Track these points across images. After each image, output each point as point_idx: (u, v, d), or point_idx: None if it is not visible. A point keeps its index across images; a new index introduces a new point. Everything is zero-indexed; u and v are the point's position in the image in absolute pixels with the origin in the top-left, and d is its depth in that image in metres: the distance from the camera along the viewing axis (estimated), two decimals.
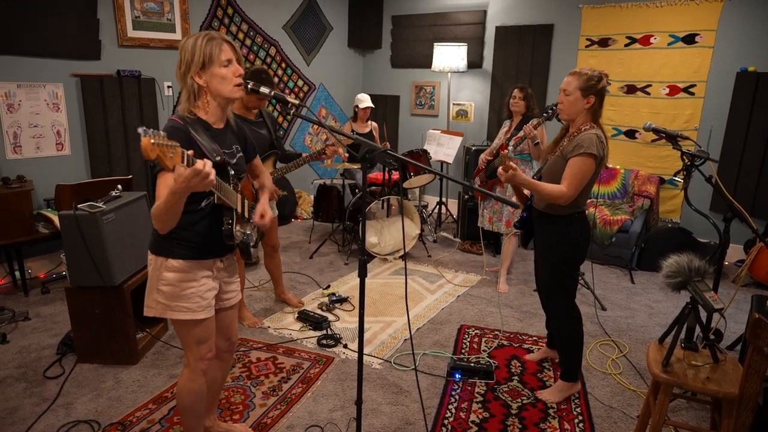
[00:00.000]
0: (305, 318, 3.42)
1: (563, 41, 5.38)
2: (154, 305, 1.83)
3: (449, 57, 5.57)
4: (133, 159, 4.46)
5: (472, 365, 2.88)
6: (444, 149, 5.44)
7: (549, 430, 2.42)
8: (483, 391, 2.70)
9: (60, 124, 4.09)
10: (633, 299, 3.97)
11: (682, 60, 4.78)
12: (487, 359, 3.02)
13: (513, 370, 2.93)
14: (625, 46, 5.04)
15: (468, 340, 3.26)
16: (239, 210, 1.86)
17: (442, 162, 5.43)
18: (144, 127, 1.29)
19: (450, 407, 2.56)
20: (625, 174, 5.00)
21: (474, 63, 5.88)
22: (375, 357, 3.02)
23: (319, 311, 3.58)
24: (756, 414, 1.78)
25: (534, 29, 5.49)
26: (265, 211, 1.99)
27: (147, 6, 4.46)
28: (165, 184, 1.58)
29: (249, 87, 1.87)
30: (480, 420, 2.47)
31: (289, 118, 6.12)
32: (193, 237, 1.79)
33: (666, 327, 2.17)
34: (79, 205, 2.72)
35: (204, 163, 1.45)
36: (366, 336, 3.25)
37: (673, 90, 4.86)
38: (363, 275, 1.84)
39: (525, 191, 2.64)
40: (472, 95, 6.12)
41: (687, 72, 4.77)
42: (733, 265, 4.64)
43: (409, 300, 3.83)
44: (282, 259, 4.60)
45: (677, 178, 2.73)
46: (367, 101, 4.93)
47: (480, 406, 2.58)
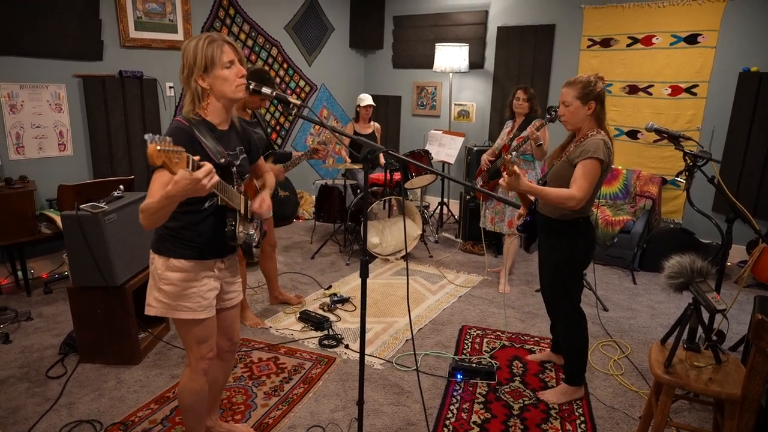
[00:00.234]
0: (307, 318, 3.42)
1: (565, 41, 5.37)
2: (155, 304, 1.84)
3: (451, 57, 5.56)
4: (135, 159, 4.48)
5: (473, 366, 2.87)
6: (446, 150, 5.44)
7: (551, 430, 2.42)
8: (484, 392, 2.70)
9: (62, 124, 4.10)
10: (635, 300, 3.97)
11: (684, 60, 4.77)
12: (489, 360, 3.02)
13: (515, 370, 2.92)
14: (627, 46, 5.03)
15: (470, 340, 3.26)
16: (242, 211, 1.86)
17: (443, 162, 5.43)
18: (150, 134, 1.29)
19: (451, 408, 2.56)
20: (627, 174, 4.99)
21: (476, 63, 5.87)
22: (376, 357, 3.02)
23: (321, 311, 3.59)
24: (758, 415, 1.78)
25: (536, 29, 5.48)
26: (264, 198, 1.97)
27: (149, 7, 4.47)
28: (160, 182, 1.57)
29: (251, 87, 1.88)
30: (482, 420, 2.47)
31: (291, 118, 6.12)
32: (196, 237, 1.80)
33: (668, 328, 2.16)
34: (82, 206, 2.72)
35: (204, 172, 1.43)
36: (367, 336, 3.25)
37: (676, 90, 4.85)
38: (365, 276, 1.84)
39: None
40: (473, 96, 6.11)
41: (689, 72, 4.76)
42: (736, 266, 4.63)
43: (411, 300, 3.83)
44: (283, 260, 4.62)
45: (679, 178, 2.73)
46: (368, 99, 4.93)
47: (481, 406, 2.58)
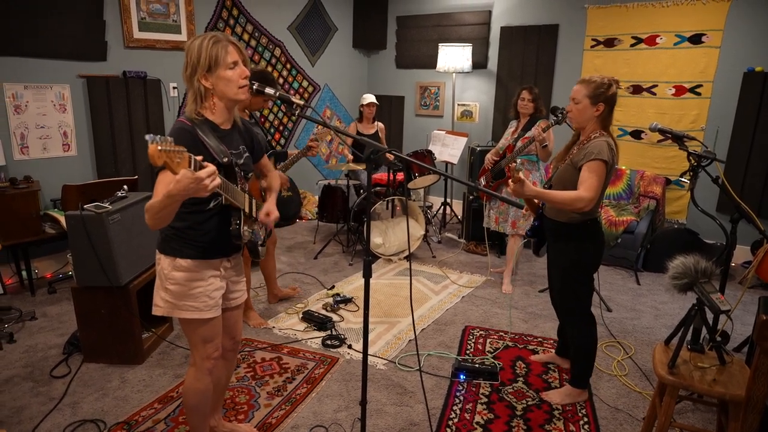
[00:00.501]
0: (310, 318, 3.43)
1: (568, 41, 5.36)
2: (161, 304, 1.85)
3: (454, 57, 5.56)
4: (139, 159, 4.49)
5: (476, 366, 2.87)
6: (449, 150, 5.43)
7: (554, 431, 2.42)
8: (488, 392, 2.70)
9: (66, 124, 4.12)
10: (639, 300, 3.95)
11: (688, 60, 4.75)
12: (492, 360, 3.01)
13: (518, 371, 2.92)
14: (631, 46, 5.01)
15: (472, 341, 3.25)
16: (247, 210, 1.87)
17: (446, 162, 5.42)
18: (151, 134, 1.29)
19: (454, 408, 2.56)
20: (631, 175, 4.97)
21: (479, 63, 5.87)
22: (379, 357, 3.02)
23: (324, 312, 3.59)
24: (763, 416, 1.77)
25: (539, 29, 5.47)
26: (271, 210, 2.00)
27: (153, 7, 4.48)
28: (164, 182, 1.57)
29: (254, 88, 1.88)
30: (485, 421, 2.47)
31: (294, 119, 6.13)
32: (201, 237, 1.80)
33: (672, 328, 2.16)
34: (86, 206, 2.73)
35: (207, 172, 1.43)
36: (370, 336, 3.25)
37: (680, 90, 4.84)
38: (368, 276, 1.84)
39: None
40: (476, 96, 6.11)
41: (693, 72, 4.75)
42: (740, 267, 4.61)
43: (414, 301, 3.83)
44: (286, 260, 4.63)
45: (683, 178, 2.71)
46: (371, 97, 4.94)
47: (485, 407, 2.58)
